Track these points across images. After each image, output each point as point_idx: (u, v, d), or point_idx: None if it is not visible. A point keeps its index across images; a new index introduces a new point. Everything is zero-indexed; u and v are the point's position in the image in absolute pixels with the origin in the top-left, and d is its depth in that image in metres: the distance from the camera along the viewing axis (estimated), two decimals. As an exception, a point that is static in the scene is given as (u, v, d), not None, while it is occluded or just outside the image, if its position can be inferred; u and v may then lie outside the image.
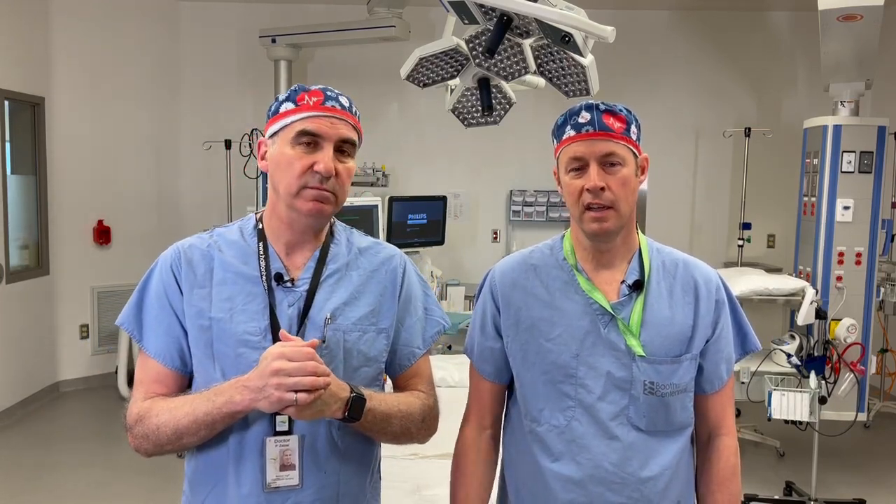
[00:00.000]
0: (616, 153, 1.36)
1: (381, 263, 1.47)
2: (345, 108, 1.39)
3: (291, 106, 1.36)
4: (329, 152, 1.34)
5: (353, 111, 1.41)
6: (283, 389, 1.20)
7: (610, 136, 1.36)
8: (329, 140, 1.35)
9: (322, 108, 1.36)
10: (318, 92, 1.37)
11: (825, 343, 3.88)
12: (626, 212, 1.38)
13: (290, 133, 1.35)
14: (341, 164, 1.36)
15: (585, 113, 1.38)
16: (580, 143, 1.37)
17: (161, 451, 1.34)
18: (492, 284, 1.51)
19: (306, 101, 1.36)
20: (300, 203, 1.34)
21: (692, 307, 1.42)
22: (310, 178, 1.33)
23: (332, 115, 1.36)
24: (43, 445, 4.65)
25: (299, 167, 1.33)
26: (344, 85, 6.57)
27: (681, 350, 1.41)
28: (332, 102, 1.37)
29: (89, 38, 5.68)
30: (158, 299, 1.39)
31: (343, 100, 1.40)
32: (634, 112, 1.44)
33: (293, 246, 1.41)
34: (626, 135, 1.38)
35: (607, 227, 1.37)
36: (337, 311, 1.39)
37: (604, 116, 1.37)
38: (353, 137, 1.38)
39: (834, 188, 4.23)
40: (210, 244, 1.42)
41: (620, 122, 1.38)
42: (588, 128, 1.37)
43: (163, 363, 1.38)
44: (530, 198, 6.32)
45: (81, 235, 5.75)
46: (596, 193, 1.35)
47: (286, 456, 1.34)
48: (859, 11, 3.61)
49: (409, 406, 1.42)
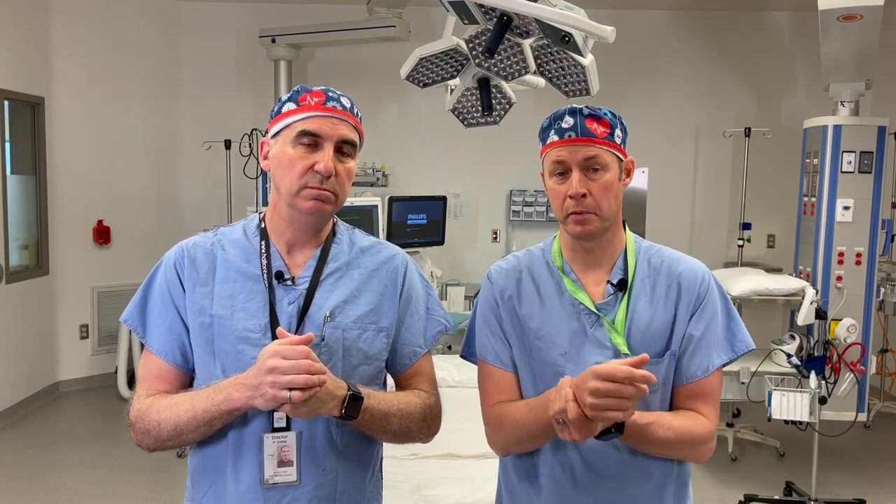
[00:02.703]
0: (598, 158, 1.38)
1: (383, 262, 1.48)
2: (346, 108, 1.40)
3: (293, 106, 1.38)
4: (329, 152, 1.35)
5: (355, 112, 1.42)
6: (277, 387, 1.21)
7: (592, 141, 1.38)
8: (329, 140, 1.36)
9: (323, 108, 1.37)
10: (320, 93, 1.39)
11: (825, 343, 3.89)
12: (609, 215, 1.40)
13: (292, 133, 1.36)
14: (341, 164, 1.38)
15: (569, 118, 1.39)
16: (563, 148, 1.39)
17: (162, 447, 1.37)
18: (487, 286, 1.54)
19: (308, 101, 1.37)
20: (300, 202, 1.36)
21: (673, 303, 1.43)
22: (310, 178, 1.35)
23: (332, 115, 1.37)
24: (43, 445, 4.65)
25: (300, 167, 1.35)
26: (344, 85, 6.58)
27: (662, 347, 1.42)
28: (333, 103, 1.38)
29: (89, 38, 5.68)
30: (161, 297, 1.42)
31: (345, 100, 1.41)
32: (623, 115, 1.46)
33: (294, 244, 1.43)
34: (610, 139, 1.39)
35: (589, 229, 1.40)
36: (336, 310, 1.40)
37: (587, 121, 1.38)
38: (353, 138, 1.40)
39: (834, 188, 4.23)
40: (213, 243, 1.45)
41: (604, 126, 1.39)
42: (571, 133, 1.38)
43: (165, 360, 1.40)
44: (530, 198, 6.32)
45: (81, 235, 5.75)
46: (578, 200, 1.37)
47: (284, 452, 1.35)
48: (859, 11, 3.61)
49: (409, 405, 1.42)
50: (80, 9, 5.62)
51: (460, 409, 2.33)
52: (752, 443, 4.70)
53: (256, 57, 6.03)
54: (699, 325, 1.42)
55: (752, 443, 4.70)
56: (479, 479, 2.49)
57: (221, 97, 6.24)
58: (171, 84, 6.19)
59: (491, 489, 2.35)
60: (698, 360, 1.42)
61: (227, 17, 6.25)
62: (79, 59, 5.64)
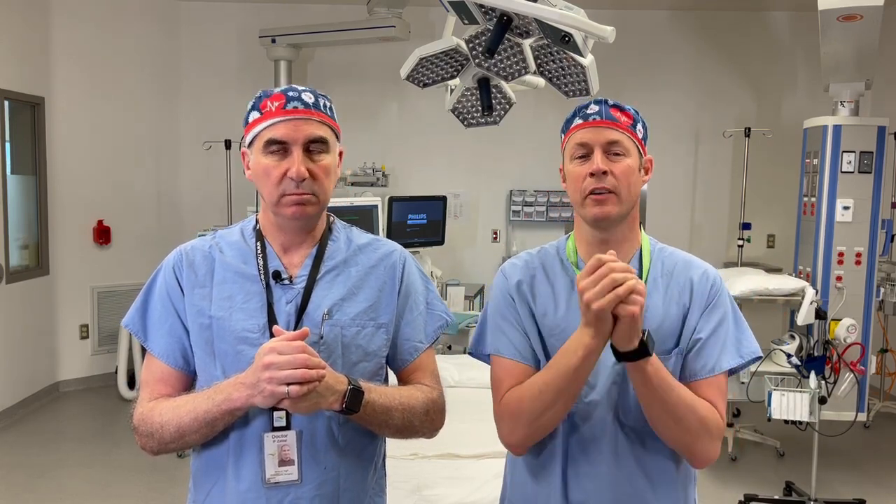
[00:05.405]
0: (621, 142, 1.40)
1: (381, 259, 1.48)
2: (309, 105, 1.37)
3: (257, 114, 1.37)
4: (298, 156, 1.34)
5: (321, 105, 1.39)
6: (274, 383, 1.22)
7: (616, 125, 1.41)
8: (295, 144, 1.34)
9: (284, 112, 1.35)
10: (280, 95, 1.36)
11: (825, 343, 3.89)
12: (628, 200, 1.41)
13: (260, 143, 1.36)
14: (315, 163, 1.36)
15: (594, 105, 1.43)
16: (587, 129, 1.41)
17: (166, 450, 1.37)
18: (501, 281, 1.53)
19: (269, 107, 1.36)
20: (282, 209, 1.37)
21: (685, 303, 1.44)
22: (286, 185, 1.34)
23: (294, 117, 1.35)
24: (43, 445, 4.65)
25: (274, 176, 1.35)
26: (344, 85, 6.55)
27: (671, 345, 1.42)
28: (294, 104, 1.36)
29: (89, 37, 5.68)
30: (161, 301, 1.43)
31: (307, 97, 1.37)
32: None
33: (289, 246, 1.44)
34: (633, 129, 1.43)
35: (608, 210, 1.39)
36: (334, 307, 1.40)
37: (612, 110, 1.42)
38: (320, 134, 1.37)
39: (834, 188, 4.23)
40: (212, 245, 1.46)
41: (627, 117, 1.43)
42: (595, 117, 1.42)
43: (167, 363, 1.42)
44: (530, 198, 6.33)
45: (81, 235, 5.75)
46: (599, 177, 1.38)
47: (284, 451, 1.35)
48: (859, 11, 3.61)
49: (411, 399, 1.42)
50: (80, 9, 5.62)
51: (460, 409, 2.33)
52: (752, 443, 4.70)
53: (256, 57, 6.03)
54: (707, 326, 1.42)
55: (752, 443, 4.70)
56: (479, 479, 2.48)
57: (221, 97, 6.24)
58: (171, 84, 6.19)
59: (491, 489, 2.35)
60: (703, 359, 1.41)
61: (227, 17, 6.25)
62: (79, 59, 5.64)
